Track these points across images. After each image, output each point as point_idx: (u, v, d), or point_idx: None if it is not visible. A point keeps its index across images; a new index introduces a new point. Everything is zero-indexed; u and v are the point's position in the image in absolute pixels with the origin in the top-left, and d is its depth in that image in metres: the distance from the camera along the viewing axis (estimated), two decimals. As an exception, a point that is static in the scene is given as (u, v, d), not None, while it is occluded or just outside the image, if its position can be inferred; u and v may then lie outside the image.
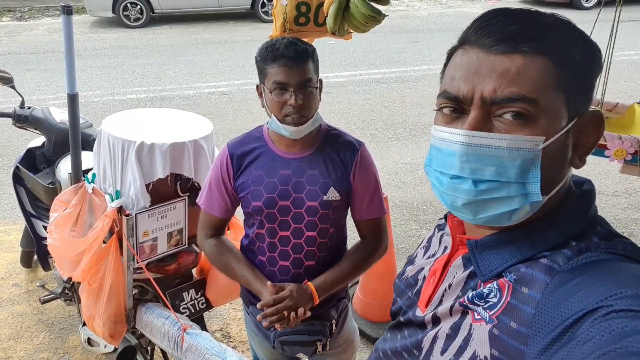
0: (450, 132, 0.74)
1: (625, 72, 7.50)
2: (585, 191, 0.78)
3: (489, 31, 0.72)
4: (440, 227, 0.99)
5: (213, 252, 1.77)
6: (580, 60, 0.71)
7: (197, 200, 1.82)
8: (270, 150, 1.67)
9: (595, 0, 12.09)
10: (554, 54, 0.70)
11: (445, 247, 0.91)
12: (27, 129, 2.96)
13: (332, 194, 1.65)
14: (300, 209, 1.65)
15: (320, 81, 1.66)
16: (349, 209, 1.75)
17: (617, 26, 2.47)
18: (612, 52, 2.47)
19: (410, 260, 1.02)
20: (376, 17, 1.76)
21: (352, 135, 1.76)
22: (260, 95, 1.65)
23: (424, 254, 0.98)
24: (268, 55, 1.56)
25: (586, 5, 12.10)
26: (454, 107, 0.75)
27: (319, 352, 1.72)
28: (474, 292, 0.76)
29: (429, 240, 1.00)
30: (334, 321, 1.79)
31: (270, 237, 1.69)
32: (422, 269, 0.94)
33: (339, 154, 1.67)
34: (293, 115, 1.56)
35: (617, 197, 4.49)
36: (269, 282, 1.64)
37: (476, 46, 0.73)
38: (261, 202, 1.64)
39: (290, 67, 1.53)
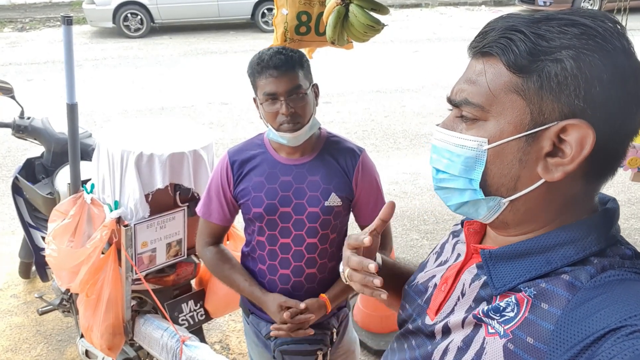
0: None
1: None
2: (608, 209, 0.76)
3: (476, 37, 0.75)
4: (455, 234, 0.98)
5: (212, 261, 1.77)
6: (554, 68, 0.67)
7: (195, 208, 1.81)
8: (271, 157, 1.68)
9: (596, 8, 12.13)
10: (511, 59, 0.69)
11: (459, 255, 0.90)
12: (26, 139, 2.96)
13: (334, 200, 1.65)
14: (301, 216, 1.65)
15: (315, 86, 1.67)
16: (353, 215, 1.76)
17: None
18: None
19: (422, 267, 1.01)
20: (375, 27, 1.75)
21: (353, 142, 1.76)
22: (257, 107, 1.67)
23: (435, 260, 0.97)
24: (255, 68, 1.59)
25: (585, 15, 12.15)
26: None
27: None
28: (489, 305, 0.74)
29: (442, 247, 0.99)
30: (334, 330, 1.78)
31: (270, 244, 1.69)
32: (434, 276, 0.93)
33: (339, 160, 1.68)
34: (287, 123, 1.57)
35: (620, 206, 4.46)
36: (286, 313, 1.63)
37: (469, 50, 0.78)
38: (262, 209, 1.64)
39: (277, 77, 1.55)
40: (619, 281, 0.66)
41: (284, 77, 1.55)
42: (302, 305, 1.65)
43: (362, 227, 1.78)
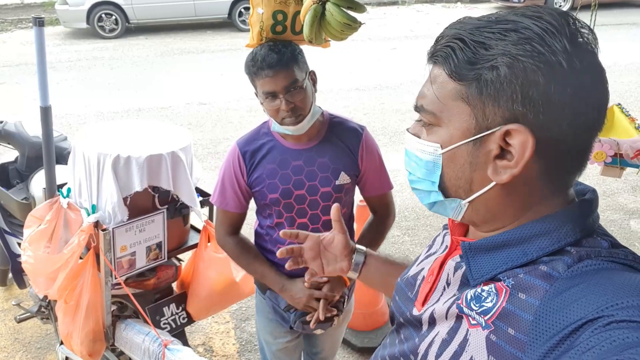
0: None
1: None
2: (585, 200, 0.77)
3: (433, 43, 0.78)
4: (445, 227, 1.00)
5: (235, 250, 1.86)
6: (490, 75, 0.69)
7: (210, 199, 1.91)
8: (280, 144, 1.76)
9: (569, 4, 12.30)
10: (452, 68, 0.72)
11: (446, 247, 0.92)
12: (-1, 144, 2.90)
13: (343, 178, 1.75)
14: (315, 196, 1.75)
15: (312, 73, 1.74)
16: (358, 188, 1.87)
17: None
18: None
19: (415, 260, 1.03)
20: (352, 25, 1.74)
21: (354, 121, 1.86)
22: (260, 101, 1.73)
23: (426, 253, 1.00)
24: (251, 68, 1.65)
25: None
26: None
27: (334, 325, 1.84)
28: (471, 296, 0.75)
29: (434, 240, 1.02)
30: (346, 297, 1.90)
31: (289, 225, 1.77)
32: (423, 269, 0.95)
33: (344, 140, 1.78)
34: (289, 117, 1.63)
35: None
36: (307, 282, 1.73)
37: None
38: (278, 194, 1.73)
39: (272, 76, 1.60)
40: (595, 270, 0.67)
41: (279, 75, 1.60)
42: (325, 277, 1.74)
43: (366, 198, 1.91)
